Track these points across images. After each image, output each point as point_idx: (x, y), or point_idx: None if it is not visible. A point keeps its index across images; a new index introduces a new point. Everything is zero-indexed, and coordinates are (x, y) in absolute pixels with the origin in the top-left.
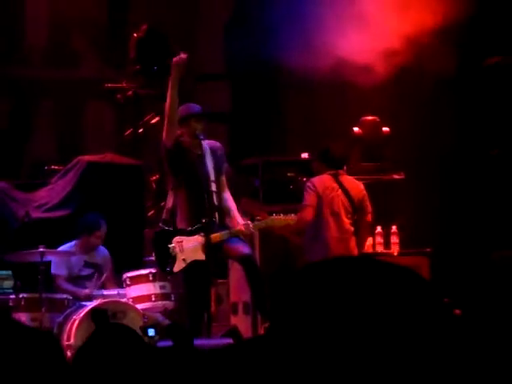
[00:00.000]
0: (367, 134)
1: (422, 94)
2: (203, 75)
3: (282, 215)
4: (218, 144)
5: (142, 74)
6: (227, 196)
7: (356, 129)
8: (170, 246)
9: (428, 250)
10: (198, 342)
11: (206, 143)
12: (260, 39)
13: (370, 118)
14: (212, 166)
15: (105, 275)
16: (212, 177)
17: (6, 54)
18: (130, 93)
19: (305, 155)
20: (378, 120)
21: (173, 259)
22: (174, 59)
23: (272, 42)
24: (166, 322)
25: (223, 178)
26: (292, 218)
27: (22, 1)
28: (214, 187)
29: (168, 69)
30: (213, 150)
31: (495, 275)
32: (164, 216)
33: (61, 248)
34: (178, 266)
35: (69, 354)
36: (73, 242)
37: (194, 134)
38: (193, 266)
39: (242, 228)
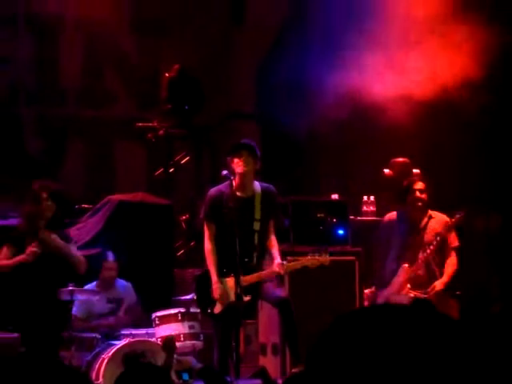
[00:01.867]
0: (398, 176)
1: (452, 138)
2: (233, 113)
3: (316, 255)
4: (271, 188)
5: (173, 114)
6: (272, 237)
7: (387, 170)
8: (210, 288)
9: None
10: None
11: (259, 185)
12: (293, 81)
13: (400, 159)
14: (260, 207)
15: (126, 305)
16: (257, 216)
17: (41, 93)
18: (161, 132)
19: (335, 196)
20: (408, 161)
21: (213, 301)
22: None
23: (304, 84)
24: (199, 365)
25: (271, 221)
26: (326, 258)
27: (57, 41)
28: (257, 227)
29: (199, 109)
30: (265, 193)
31: None
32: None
33: (86, 287)
34: (217, 308)
35: None
36: (94, 282)
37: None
38: (226, 309)
39: (276, 269)
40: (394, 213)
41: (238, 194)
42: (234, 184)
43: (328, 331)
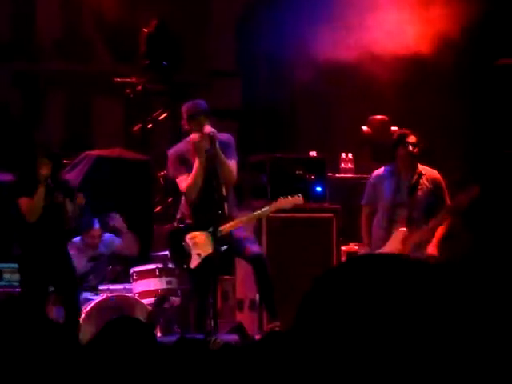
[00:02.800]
0: (376, 134)
1: (433, 93)
2: (214, 71)
3: (289, 197)
4: (226, 136)
5: (152, 69)
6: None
7: (365, 128)
8: (183, 243)
9: None
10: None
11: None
12: (272, 36)
13: (378, 117)
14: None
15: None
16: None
17: (18, 47)
18: (140, 87)
19: (313, 153)
20: (386, 119)
21: (188, 256)
22: (192, 137)
23: (284, 38)
24: None
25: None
26: (299, 198)
27: None
28: (222, 179)
29: (177, 64)
30: (221, 143)
31: None
32: (178, 215)
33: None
34: (194, 262)
35: None
36: (77, 239)
37: (202, 131)
38: (202, 263)
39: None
40: (382, 169)
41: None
42: (189, 143)
43: (315, 287)
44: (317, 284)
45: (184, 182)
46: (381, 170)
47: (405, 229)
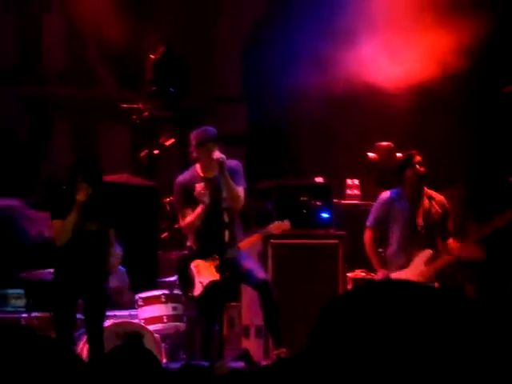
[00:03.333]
0: (382, 160)
1: (438, 120)
2: (220, 97)
3: (276, 222)
4: (234, 162)
5: (158, 96)
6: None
7: (371, 154)
8: (188, 270)
9: None
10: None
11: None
12: (278, 62)
13: (384, 143)
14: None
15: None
16: (224, 194)
17: (24, 73)
18: (146, 114)
19: (319, 179)
20: (392, 146)
21: (192, 284)
22: (197, 188)
23: (289, 66)
24: None
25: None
26: (286, 223)
27: (40, 20)
28: (225, 205)
29: (183, 91)
30: (230, 169)
31: None
32: (188, 243)
33: None
34: (197, 291)
35: None
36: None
37: (211, 157)
38: (210, 287)
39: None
40: (389, 192)
41: (202, 175)
42: (198, 167)
43: (321, 318)
44: (323, 315)
45: (184, 218)
46: (388, 193)
47: (430, 251)
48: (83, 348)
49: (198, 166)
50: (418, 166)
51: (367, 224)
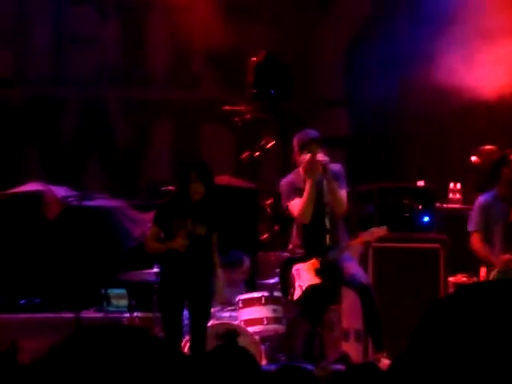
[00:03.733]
0: (485, 164)
1: None
2: (323, 100)
3: (374, 228)
4: (337, 166)
5: (260, 98)
6: None
7: (474, 158)
8: (289, 275)
9: None
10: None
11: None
12: (382, 66)
13: (488, 147)
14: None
15: None
16: (326, 199)
17: (128, 76)
18: (248, 116)
19: (421, 183)
20: (495, 149)
21: (292, 287)
22: (303, 158)
23: (394, 66)
24: None
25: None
26: (383, 229)
27: (144, 22)
28: (327, 209)
29: (285, 93)
30: (332, 172)
31: None
32: (290, 246)
33: None
34: (296, 294)
35: None
36: None
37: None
38: (309, 291)
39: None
40: (486, 195)
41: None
42: (301, 171)
43: (424, 321)
44: (425, 317)
45: (296, 205)
46: (486, 196)
47: None
48: (184, 346)
49: (300, 170)
50: None
51: (471, 229)
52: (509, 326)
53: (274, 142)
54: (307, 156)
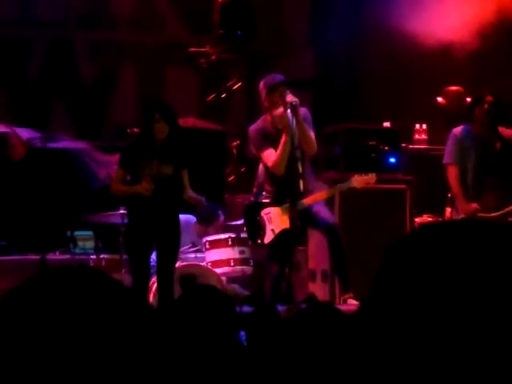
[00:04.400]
0: (451, 104)
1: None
2: (289, 42)
3: (363, 175)
4: (303, 109)
5: (226, 39)
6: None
7: (440, 99)
8: (258, 218)
9: None
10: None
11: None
12: (349, 7)
13: (453, 88)
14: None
15: None
16: (296, 143)
17: (91, 19)
18: (214, 57)
19: (387, 124)
20: (462, 90)
21: (263, 231)
22: (276, 112)
23: (361, 9)
24: (245, 292)
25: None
26: (372, 176)
27: None
28: (298, 154)
29: (251, 34)
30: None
31: None
32: (254, 189)
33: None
34: (267, 238)
35: None
36: (192, 219)
37: (284, 101)
38: (282, 235)
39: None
40: (461, 127)
41: (275, 126)
42: (268, 118)
43: (388, 258)
44: (389, 254)
45: (271, 156)
46: (461, 129)
47: None
48: (151, 288)
49: (268, 117)
50: (487, 105)
51: (446, 161)
52: (468, 265)
53: (240, 84)
54: (278, 111)
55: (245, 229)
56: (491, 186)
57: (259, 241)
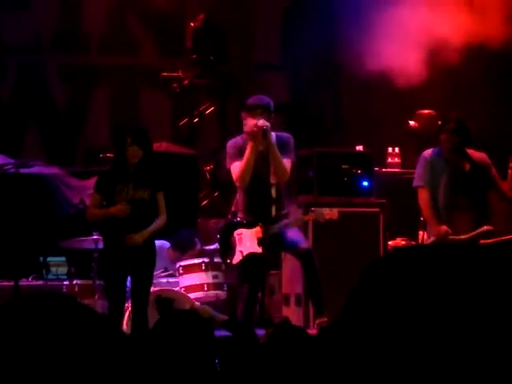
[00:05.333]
0: (423, 128)
1: (476, 88)
2: (260, 65)
3: (327, 209)
4: (286, 135)
5: (198, 64)
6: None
7: (412, 122)
8: (231, 238)
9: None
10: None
11: (275, 135)
12: (319, 31)
13: (425, 111)
14: None
15: None
16: (271, 168)
17: (64, 41)
18: (186, 82)
19: (360, 148)
20: (433, 113)
21: (232, 251)
22: (246, 129)
23: (330, 32)
24: (220, 315)
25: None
26: (334, 212)
27: None
28: (273, 179)
29: (223, 59)
30: (281, 140)
31: None
32: (233, 208)
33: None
34: (236, 259)
35: None
36: (165, 245)
37: (255, 124)
38: (249, 258)
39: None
40: (430, 150)
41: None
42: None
43: (363, 278)
44: (364, 274)
45: (236, 168)
46: (431, 152)
47: (491, 227)
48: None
49: (246, 136)
50: (449, 131)
51: (417, 184)
52: (439, 288)
53: (213, 108)
54: (251, 121)
55: (218, 246)
56: (463, 207)
57: (228, 260)
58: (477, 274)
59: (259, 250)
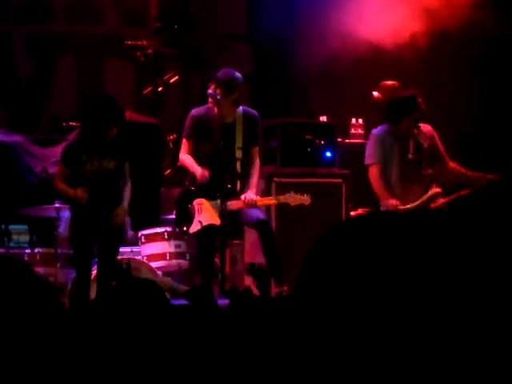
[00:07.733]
0: (386, 99)
1: (443, 59)
2: (225, 35)
3: (299, 194)
4: (252, 113)
5: (163, 33)
6: (254, 165)
7: (375, 93)
8: (190, 206)
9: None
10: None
11: (242, 109)
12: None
13: (389, 82)
14: (242, 135)
15: None
16: (239, 144)
17: (28, 10)
18: (150, 51)
19: (323, 118)
20: (397, 85)
21: (190, 220)
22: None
23: (295, 3)
24: (181, 286)
25: (254, 148)
26: (306, 198)
27: None
28: (239, 154)
29: (188, 28)
30: (247, 118)
31: None
32: (189, 176)
33: None
34: (193, 228)
35: None
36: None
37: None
38: (207, 229)
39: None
40: (380, 127)
41: (220, 119)
42: (216, 109)
43: (318, 244)
44: (320, 241)
45: (184, 151)
46: (379, 129)
47: (439, 189)
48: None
49: (215, 110)
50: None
51: (369, 162)
52: (390, 251)
53: (177, 77)
54: (202, 171)
55: (174, 212)
56: (414, 179)
57: (184, 228)
58: (421, 236)
59: (218, 221)
